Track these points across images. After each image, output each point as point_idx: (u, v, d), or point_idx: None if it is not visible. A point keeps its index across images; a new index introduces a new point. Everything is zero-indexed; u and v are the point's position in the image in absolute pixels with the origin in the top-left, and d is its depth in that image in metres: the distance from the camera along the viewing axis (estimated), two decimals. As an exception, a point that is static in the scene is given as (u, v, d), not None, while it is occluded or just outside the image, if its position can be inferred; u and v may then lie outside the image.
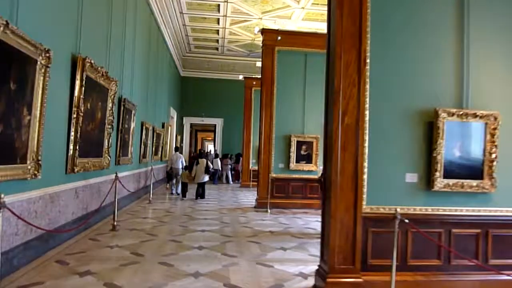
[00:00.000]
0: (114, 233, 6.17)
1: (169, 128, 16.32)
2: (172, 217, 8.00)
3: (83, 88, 5.61)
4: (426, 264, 3.92)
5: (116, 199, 6.55)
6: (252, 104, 15.88)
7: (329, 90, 3.99)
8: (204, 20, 15.22)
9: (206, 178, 11.26)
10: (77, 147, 5.55)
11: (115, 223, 6.40)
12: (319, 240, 4.01)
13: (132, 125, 9.15)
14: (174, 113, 18.36)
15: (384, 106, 3.91)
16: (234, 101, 20.22)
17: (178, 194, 11.79)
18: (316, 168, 9.92)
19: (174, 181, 12.15)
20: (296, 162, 9.87)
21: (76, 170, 5.55)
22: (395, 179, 3.92)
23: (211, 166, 12.09)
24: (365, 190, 3.79)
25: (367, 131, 3.82)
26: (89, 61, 5.72)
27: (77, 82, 5.51)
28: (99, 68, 6.23)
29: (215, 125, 21.64)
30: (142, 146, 10.58)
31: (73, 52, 5.52)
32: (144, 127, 10.58)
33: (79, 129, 5.55)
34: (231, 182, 17.44)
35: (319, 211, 9.38)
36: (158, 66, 13.14)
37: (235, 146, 20.07)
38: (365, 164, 3.79)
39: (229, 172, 17.72)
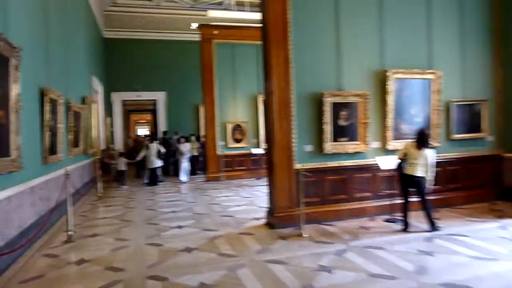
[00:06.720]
0: None
1: (94, 105, 11.16)
2: (123, 285, 3.49)
3: None
4: None
5: None
6: (214, 64, 11.29)
7: None
8: None
9: (159, 163, 10.88)
10: None
11: None
12: None
13: (14, 90, 4.29)
14: (99, 87, 13.09)
15: None
16: (180, 67, 15.85)
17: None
18: (365, 148, 5.89)
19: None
20: (333, 141, 5.74)
21: None
22: None
23: (163, 150, 11.14)
24: None
25: None
26: None
27: None
28: None
29: (155, 101, 16.64)
30: (47, 132, 5.72)
31: None
32: (47, 99, 5.69)
33: None
34: (186, 178, 11.37)
35: (390, 224, 5.27)
36: (67, 6, 7.98)
37: (188, 126, 15.44)
38: None
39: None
